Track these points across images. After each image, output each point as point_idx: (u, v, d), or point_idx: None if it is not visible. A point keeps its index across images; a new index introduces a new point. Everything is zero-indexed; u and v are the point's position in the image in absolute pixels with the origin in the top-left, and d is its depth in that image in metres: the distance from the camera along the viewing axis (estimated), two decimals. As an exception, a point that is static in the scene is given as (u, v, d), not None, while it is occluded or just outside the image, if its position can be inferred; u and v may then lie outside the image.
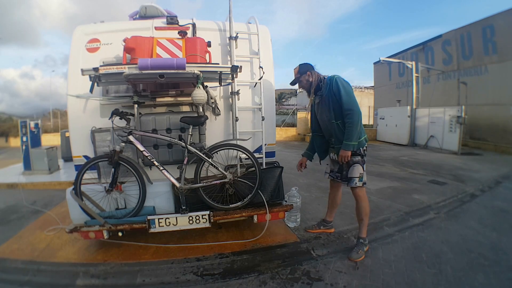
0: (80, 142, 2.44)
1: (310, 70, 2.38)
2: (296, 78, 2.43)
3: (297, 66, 2.44)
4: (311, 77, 2.37)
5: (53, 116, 19.07)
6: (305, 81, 2.40)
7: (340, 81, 2.25)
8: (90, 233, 2.19)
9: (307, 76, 2.37)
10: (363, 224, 2.37)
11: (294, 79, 2.45)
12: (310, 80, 2.38)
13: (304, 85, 2.44)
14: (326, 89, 2.29)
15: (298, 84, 2.46)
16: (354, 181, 2.29)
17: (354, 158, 2.28)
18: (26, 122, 6.03)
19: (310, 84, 2.40)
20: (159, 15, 2.79)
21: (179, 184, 2.21)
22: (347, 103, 2.19)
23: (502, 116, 8.82)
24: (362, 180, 2.29)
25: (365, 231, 2.38)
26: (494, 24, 9.13)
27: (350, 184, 2.31)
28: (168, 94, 2.50)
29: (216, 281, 2.01)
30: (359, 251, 2.27)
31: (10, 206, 3.95)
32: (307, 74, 2.37)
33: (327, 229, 2.76)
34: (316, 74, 2.38)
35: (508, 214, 3.23)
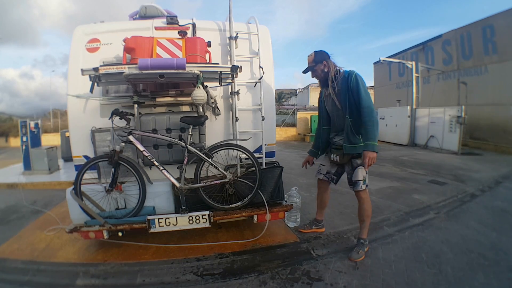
0: (80, 142, 2.44)
1: (327, 60, 2.26)
2: (310, 66, 2.30)
3: (312, 53, 2.30)
4: (328, 67, 2.25)
5: (53, 116, 19.07)
6: (320, 71, 2.28)
7: (360, 78, 2.16)
8: (90, 233, 2.19)
9: (322, 65, 2.26)
10: (364, 225, 2.34)
11: (307, 67, 2.32)
12: (326, 71, 2.26)
13: (318, 75, 2.32)
14: (343, 83, 2.19)
15: (312, 73, 2.34)
16: (359, 184, 2.24)
17: (358, 161, 2.23)
18: (26, 122, 6.04)
19: (325, 74, 2.28)
20: (159, 15, 2.79)
21: (179, 184, 2.21)
22: (366, 100, 2.11)
23: (502, 116, 8.82)
24: (365, 183, 2.26)
25: (366, 232, 2.36)
26: (494, 24, 9.13)
27: (355, 188, 2.27)
28: (168, 94, 2.50)
29: (216, 281, 2.01)
30: (359, 251, 2.26)
31: (10, 206, 3.95)
32: (323, 63, 2.25)
33: (319, 229, 2.77)
34: (333, 65, 2.26)
35: (508, 214, 3.23)
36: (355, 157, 2.24)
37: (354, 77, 2.16)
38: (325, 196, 2.68)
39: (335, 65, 2.27)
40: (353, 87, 2.14)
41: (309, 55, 2.31)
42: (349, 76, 2.17)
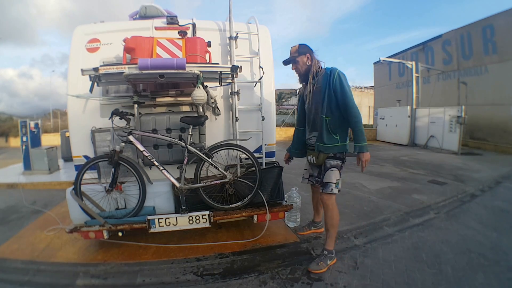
0: (80, 142, 2.44)
1: (310, 53, 2.17)
2: (293, 57, 2.18)
3: (296, 45, 2.20)
4: (310, 61, 2.16)
5: (53, 116, 19.07)
6: (302, 63, 2.18)
7: (343, 76, 2.06)
8: (90, 233, 2.19)
9: (306, 58, 2.16)
10: (329, 235, 2.18)
11: (289, 57, 2.21)
12: (308, 64, 2.17)
13: (299, 68, 2.20)
14: (323, 80, 2.09)
15: (293, 65, 2.23)
16: (330, 187, 2.10)
17: (333, 162, 2.13)
18: (26, 122, 6.04)
19: (307, 68, 2.18)
20: (159, 15, 2.79)
21: (179, 184, 2.21)
22: (352, 100, 2.01)
23: (502, 116, 8.82)
24: (338, 187, 2.12)
25: (331, 243, 2.18)
26: (494, 24, 9.13)
27: (325, 190, 2.12)
28: (168, 94, 2.50)
29: (216, 281, 2.01)
30: (320, 263, 2.09)
31: (10, 206, 3.95)
32: (306, 56, 2.16)
33: (317, 229, 2.73)
34: (315, 60, 2.18)
35: (508, 214, 3.23)
36: (330, 158, 2.15)
37: (337, 75, 2.04)
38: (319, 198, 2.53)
39: (318, 61, 2.19)
40: (336, 85, 2.04)
41: (293, 46, 2.21)
42: (331, 74, 2.06)
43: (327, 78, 2.07)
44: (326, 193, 2.13)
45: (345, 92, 2.02)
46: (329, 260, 2.13)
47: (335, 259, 2.19)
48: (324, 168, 2.17)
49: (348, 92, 2.02)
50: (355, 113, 2.02)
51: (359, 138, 2.02)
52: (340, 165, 2.15)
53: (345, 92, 2.02)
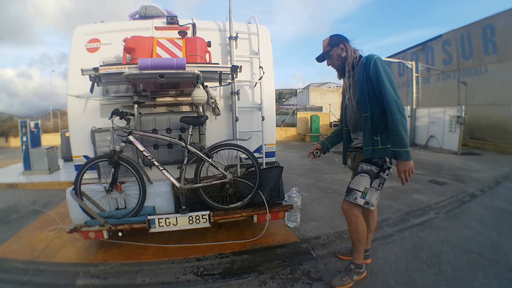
0: (80, 142, 2.44)
1: (345, 43, 1.86)
2: (326, 51, 1.91)
3: (327, 37, 1.94)
4: (346, 51, 1.86)
5: (53, 116, 19.07)
6: (337, 56, 1.89)
7: (380, 62, 1.71)
8: (90, 233, 2.19)
9: (339, 49, 1.86)
10: (355, 248, 1.94)
11: (322, 53, 1.94)
12: (344, 56, 1.87)
13: (334, 62, 1.92)
14: (360, 71, 1.77)
15: (327, 60, 1.94)
16: (354, 194, 1.78)
17: (365, 166, 1.78)
18: (26, 122, 6.04)
19: (343, 60, 1.88)
20: (159, 15, 2.79)
21: (179, 184, 2.21)
22: (391, 93, 1.64)
23: (502, 116, 8.82)
24: (365, 198, 1.76)
25: (358, 256, 1.93)
26: (494, 24, 9.13)
27: (347, 197, 1.82)
28: (168, 94, 2.50)
29: (216, 281, 2.01)
30: (344, 278, 1.86)
31: (10, 206, 3.95)
32: (340, 47, 1.86)
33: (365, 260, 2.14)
34: (352, 49, 1.87)
35: (508, 214, 3.23)
36: (364, 161, 1.81)
37: (373, 62, 1.70)
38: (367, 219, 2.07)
39: (354, 49, 1.88)
40: (372, 74, 1.70)
41: (324, 39, 1.95)
42: (367, 62, 1.74)
43: (363, 68, 1.76)
44: (348, 201, 1.81)
45: (381, 82, 1.66)
46: (355, 275, 1.90)
47: (365, 272, 1.96)
48: (354, 173, 1.86)
49: (385, 81, 1.66)
50: (393, 109, 1.63)
51: (395, 141, 1.64)
52: (374, 173, 1.75)
53: (381, 82, 1.66)
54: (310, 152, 2.24)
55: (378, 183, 1.78)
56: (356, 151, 1.94)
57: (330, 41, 1.90)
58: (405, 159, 1.62)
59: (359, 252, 1.93)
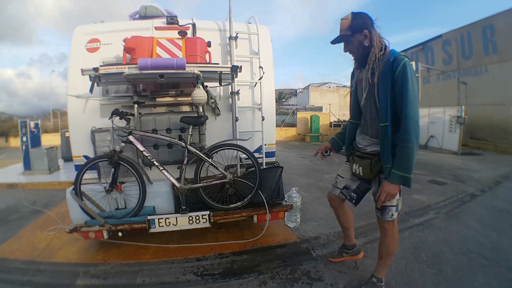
0: (80, 142, 2.44)
1: (369, 28, 1.53)
2: (345, 36, 1.57)
3: (349, 15, 1.56)
4: (371, 39, 1.53)
5: (53, 116, 19.08)
6: (358, 44, 1.57)
7: (410, 68, 1.44)
8: (90, 233, 2.19)
9: (363, 36, 1.54)
10: (382, 262, 1.81)
11: (339, 35, 1.59)
12: (367, 45, 1.55)
13: (353, 50, 1.61)
14: (385, 69, 1.49)
15: (345, 46, 1.62)
16: (389, 212, 1.64)
17: None
18: (26, 122, 6.04)
19: (365, 49, 1.56)
20: (159, 15, 2.79)
21: (179, 184, 2.21)
22: (413, 107, 1.42)
23: (502, 116, 8.82)
24: (398, 210, 1.67)
25: (383, 271, 1.82)
26: (494, 24, 9.13)
27: (384, 217, 1.66)
28: (168, 94, 2.50)
29: (216, 281, 2.01)
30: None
31: (10, 206, 3.95)
32: (364, 33, 1.53)
33: (353, 256, 2.18)
34: (378, 37, 1.54)
35: (508, 214, 3.23)
36: None
37: (402, 65, 1.42)
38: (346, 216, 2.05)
39: (380, 37, 1.55)
40: (398, 78, 1.43)
41: (344, 18, 1.58)
42: (395, 62, 1.45)
43: (389, 67, 1.47)
44: (385, 220, 1.68)
45: (405, 94, 1.41)
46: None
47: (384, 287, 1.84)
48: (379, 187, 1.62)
49: (409, 92, 1.41)
50: (410, 128, 1.42)
51: (401, 163, 1.46)
52: None
53: (405, 94, 1.41)
54: (318, 150, 2.03)
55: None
56: (371, 158, 1.66)
57: (351, 24, 1.53)
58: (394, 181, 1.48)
59: (385, 267, 1.82)
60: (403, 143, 1.44)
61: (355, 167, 1.77)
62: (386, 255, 1.78)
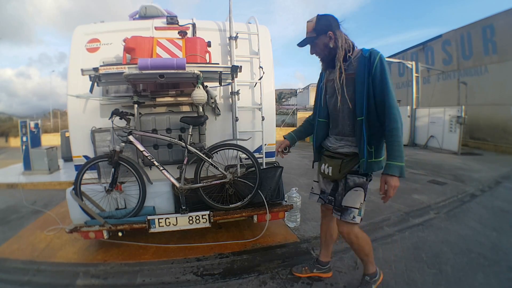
0: (80, 142, 2.44)
1: (334, 30, 1.53)
2: (310, 38, 1.57)
3: (313, 17, 1.57)
4: (335, 41, 1.53)
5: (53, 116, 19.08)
6: (323, 46, 1.56)
7: (385, 61, 1.48)
8: (90, 233, 2.19)
9: (327, 38, 1.54)
10: (365, 263, 1.80)
11: (305, 38, 1.59)
12: (332, 46, 1.54)
13: (319, 52, 1.60)
14: (360, 65, 1.50)
15: (311, 48, 1.63)
16: (351, 214, 1.57)
17: (357, 179, 1.58)
18: (26, 122, 6.04)
19: (331, 51, 1.56)
20: (159, 15, 2.79)
21: (179, 184, 2.21)
22: (394, 99, 1.45)
23: (502, 116, 8.82)
24: (361, 214, 1.59)
25: (370, 267, 1.79)
26: (494, 24, 9.13)
27: (344, 217, 1.59)
28: (168, 94, 2.50)
29: (216, 281, 2.01)
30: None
31: (10, 206, 3.95)
32: (329, 35, 1.53)
33: (323, 273, 2.00)
34: (343, 38, 1.54)
35: (508, 214, 3.23)
36: (354, 173, 1.58)
37: (378, 59, 1.45)
38: (331, 227, 1.92)
39: (346, 37, 1.56)
40: (376, 74, 1.45)
41: (309, 20, 1.58)
42: (371, 57, 1.46)
43: (365, 62, 1.48)
44: (345, 221, 1.60)
45: (385, 85, 1.44)
46: (373, 284, 1.77)
47: (381, 275, 1.84)
48: (345, 187, 1.61)
49: (390, 84, 1.45)
50: (395, 115, 1.43)
51: (395, 153, 1.44)
52: (366, 184, 1.60)
53: (385, 85, 1.44)
54: (277, 150, 1.96)
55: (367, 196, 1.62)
56: (342, 158, 1.63)
57: (316, 26, 1.54)
58: (397, 174, 1.45)
59: (370, 263, 1.78)
60: (392, 133, 1.44)
61: (324, 167, 1.73)
62: (365, 256, 1.75)
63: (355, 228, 1.63)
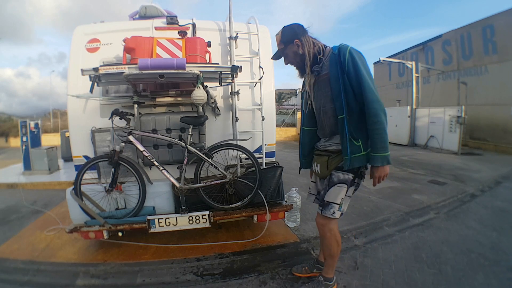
0: (80, 142, 2.44)
1: (300, 37, 1.59)
2: (280, 50, 1.66)
3: (279, 31, 1.65)
4: (303, 47, 1.59)
5: (53, 116, 19.09)
6: (293, 55, 1.63)
7: (357, 54, 1.49)
8: (90, 233, 2.19)
9: (295, 46, 1.60)
10: (327, 264, 1.79)
11: (277, 51, 1.69)
12: (301, 53, 1.60)
13: (292, 60, 1.67)
14: (331, 64, 1.53)
15: (284, 59, 1.70)
16: (331, 208, 1.61)
17: (341, 175, 1.60)
18: (26, 122, 6.04)
19: (302, 57, 1.62)
20: (159, 15, 2.79)
21: (179, 184, 2.21)
22: (372, 88, 1.45)
23: (502, 116, 8.82)
24: (340, 210, 1.62)
25: (330, 271, 1.79)
26: (494, 24, 9.13)
27: (324, 212, 1.63)
28: (168, 94, 2.50)
29: (216, 281, 2.01)
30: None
31: (10, 206, 3.95)
32: (296, 43, 1.59)
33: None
34: (310, 42, 1.59)
35: (508, 214, 3.23)
36: (339, 169, 1.62)
37: (348, 53, 1.47)
38: None
39: (314, 41, 1.61)
40: (349, 67, 1.47)
41: (277, 33, 1.66)
42: (340, 52, 1.49)
43: (336, 60, 1.50)
44: (324, 216, 1.64)
45: (361, 78, 1.45)
46: (323, 287, 1.77)
47: (335, 286, 1.82)
48: (328, 183, 1.66)
49: (365, 77, 1.45)
50: (378, 110, 1.45)
51: (377, 145, 1.48)
52: (350, 180, 1.61)
53: (361, 78, 1.45)
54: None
55: (352, 191, 1.64)
56: (329, 155, 1.67)
57: (283, 38, 1.62)
58: (384, 164, 1.49)
59: (331, 267, 1.78)
60: (374, 126, 1.46)
61: (315, 165, 1.81)
62: (329, 257, 1.75)
63: (332, 223, 1.66)
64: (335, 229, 1.68)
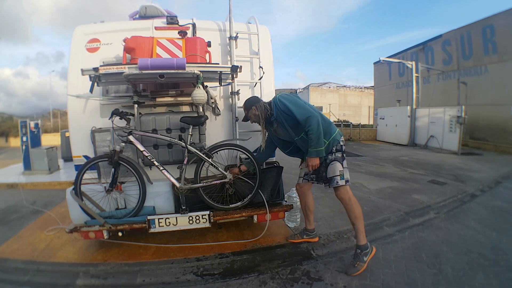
0: (80, 142, 2.44)
1: (255, 104, 2.27)
2: (245, 115, 2.35)
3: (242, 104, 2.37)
4: (257, 110, 2.25)
5: (53, 116, 19.09)
6: (254, 116, 2.31)
7: (284, 98, 2.18)
8: (90, 233, 2.19)
9: (253, 111, 2.27)
10: (356, 229, 2.14)
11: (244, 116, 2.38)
12: (257, 114, 2.27)
13: (255, 119, 2.34)
14: (277, 114, 2.21)
15: (250, 120, 2.36)
16: (334, 180, 2.13)
17: (331, 156, 2.17)
18: (26, 122, 6.04)
19: (258, 117, 2.29)
20: (159, 15, 2.79)
21: (179, 184, 2.21)
22: (301, 113, 2.09)
23: (502, 116, 8.82)
24: (343, 178, 2.13)
25: (362, 237, 2.13)
26: (494, 24, 9.13)
27: (331, 185, 2.16)
28: (168, 94, 2.50)
29: (216, 281, 2.01)
30: (357, 264, 2.07)
31: (10, 206, 3.95)
32: (253, 109, 2.26)
33: (311, 238, 2.57)
34: (262, 106, 2.26)
35: (508, 214, 3.23)
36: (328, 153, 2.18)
37: (279, 101, 2.17)
38: (308, 200, 2.48)
39: (263, 104, 2.27)
40: (284, 110, 2.14)
41: (240, 106, 2.42)
42: (275, 103, 2.20)
43: (276, 109, 2.21)
44: (335, 187, 2.15)
45: (293, 113, 2.10)
46: (365, 256, 2.09)
47: (374, 249, 2.18)
48: (325, 165, 2.20)
49: (293, 109, 2.10)
50: (309, 122, 2.07)
51: (312, 144, 2.10)
52: (340, 156, 2.18)
53: (293, 113, 2.10)
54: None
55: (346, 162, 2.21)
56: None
57: (245, 107, 2.32)
58: (311, 156, 2.11)
59: (360, 232, 2.12)
60: (309, 133, 2.10)
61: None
62: (356, 220, 2.13)
63: (345, 190, 2.14)
64: (350, 194, 2.14)
